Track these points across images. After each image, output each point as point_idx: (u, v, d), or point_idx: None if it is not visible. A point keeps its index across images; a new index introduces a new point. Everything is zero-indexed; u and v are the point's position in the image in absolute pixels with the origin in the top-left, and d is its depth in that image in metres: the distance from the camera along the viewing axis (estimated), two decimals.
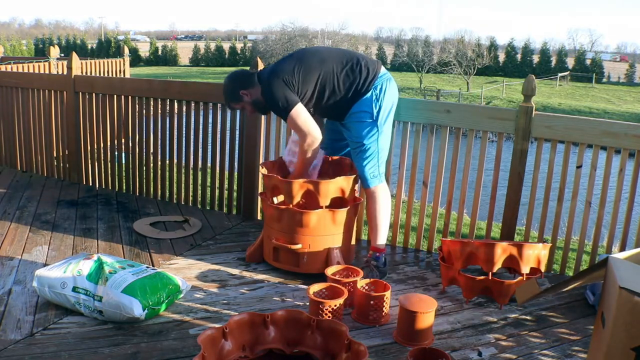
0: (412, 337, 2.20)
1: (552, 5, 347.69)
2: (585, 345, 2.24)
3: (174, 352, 2.10)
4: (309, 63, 2.67)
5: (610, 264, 1.48)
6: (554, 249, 2.96)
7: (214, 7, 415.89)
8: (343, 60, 2.71)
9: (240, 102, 2.76)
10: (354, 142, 2.77)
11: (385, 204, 2.81)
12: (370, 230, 2.86)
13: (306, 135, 2.65)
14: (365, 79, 2.68)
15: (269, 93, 2.63)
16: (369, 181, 2.77)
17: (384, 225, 2.83)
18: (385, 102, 2.71)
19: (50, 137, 4.43)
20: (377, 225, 2.81)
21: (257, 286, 2.70)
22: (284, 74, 2.63)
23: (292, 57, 2.75)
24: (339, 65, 2.69)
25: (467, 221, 5.78)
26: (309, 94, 2.67)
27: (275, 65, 2.73)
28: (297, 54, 2.76)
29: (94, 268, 2.38)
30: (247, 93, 2.72)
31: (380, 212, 2.80)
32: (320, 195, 2.68)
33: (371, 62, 2.75)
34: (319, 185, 2.67)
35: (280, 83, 2.61)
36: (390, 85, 2.75)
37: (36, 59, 9.49)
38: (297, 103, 2.62)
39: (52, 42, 49.90)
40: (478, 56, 34.99)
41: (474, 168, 3.14)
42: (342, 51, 2.83)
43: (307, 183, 2.67)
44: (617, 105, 30.06)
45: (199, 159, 3.89)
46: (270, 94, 2.63)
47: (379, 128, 2.71)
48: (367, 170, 2.75)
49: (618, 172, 2.80)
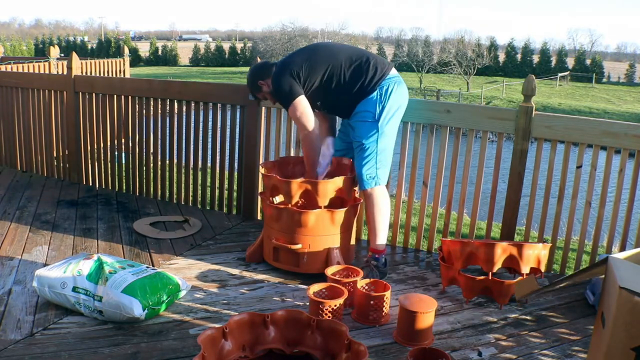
0: (412, 337, 2.20)
1: (552, 5, 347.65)
2: (585, 345, 2.24)
3: (174, 352, 2.10)
4: (319, 56, 2.75)
5: (610, 264, 1.48)
6: (554, 249, 2.96)
7: (214, 7, 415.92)
8: (353, 57, 2.74)
9: (260, 91, 2.88)
10: (355, 142, 2.77)
11: (382, 207, 2.78)
12: (369, 232, 2.86)
13: (302, 127, 2.72)
14: (372, 77, 2.70)
15: (276, 83, 2.73)
16: (365, 182, 2.75)
17: (382, 227, 2.81)
18: (389, 104, 2.70)
19: (50, 137, 4.43)
20: (374, 228, 2.80)
21: (257, 286, 2.70)
22: (293, 66, 2.71)
23: (304, 50, 2.84)
24: (348, 60, 2.72)
25: (467, 221, 5.78)
26: (316, 85, 2.72)
27: (287, 57, 2.83)
28: (309, 48, 2.87)
29: (94, 268, 2.38)
30: (265, 83, 2.83)
31: (377, 214, 2.78)
32: (319, 195, 2.68)
33: (381, 62, 2.75)
34: (318, 186, 2.67)
35: (286, 74, 2.69)
36: (398, 88, 2.74)
37: (36, 59, 9.49)
38: (300, 95, 2.68)
39: (52, 42, 49.90)
40: (478, 56, 34.98)
41: (474, 168, 3.14)
42: (354, 48, 2.88)
43: (306, 183, 2.68)
44: (617, 105, 30.06)
45: (199, 159, 3.89)
46: (277, 84, 2.72)
47: (380, 129, 2.71)
48: (364, 172, 2.74)
49: (618, 172, 2.80)
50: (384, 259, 2.82)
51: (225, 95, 3.69)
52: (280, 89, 2.70)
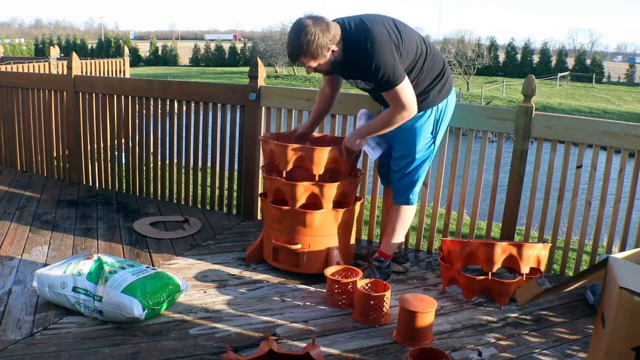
0: (412, 337, 2.20)
1: (552, 5, 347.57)
2: (585, 345, 2.24)
3: (174, 352, 2.10)
4: (408, 33, 2.42)
5: (610, 264, 1.48)
6: (554, 249, 2.96)
7: (214, 7, 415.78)
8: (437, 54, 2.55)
9: (318, 59, 2.36)
10: (400, 150, 2.70)
11: (406, 222, 2.76)
12: (384, 236, 2.85)
13: (405, 108, 2.40)
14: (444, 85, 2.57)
15: (377, 59, 2.28)
16: (403, 199, 2.72)
17: (398, 238, 2.78)
18: (447, 118, 2.67)
19: (50, 137, 4.43)
20: (391, 236, 2.77)
21: (256, 286, 2.70)
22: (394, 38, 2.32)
23: (380, 19, 2.40)
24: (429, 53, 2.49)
25: (467, 221, 5.79)
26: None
27: (371, 25, 2.34)
28: (396, 21, 2.45)
29: (94, 268, 2.38)
30: (336, 50, 2.36)
31: (398, 226, 2.74)
32: (324, 197, 2.67)
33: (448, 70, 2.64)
34: (324, 188, 2.65)
35: (390, 49, 2.30)
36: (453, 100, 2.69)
37: (36, 59, 9.50)
38: (405, 77, 2.36)
39: (52, 42, 49.91)
40: (478, 56, 34.97)
41: (474, 168, 3.14)
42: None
43: (312, 186, 2.65)
44: (617, 105, 30.06)
45: (199, 159, 3.89)
46: (379, 61, 2.29)
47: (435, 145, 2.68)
48: (405, 188, 2.70)
49: (618, 172, 2.80)
50: (388, 262, 2.82)
51: (225, 95, 3.69)
52: (384, 67, 2.28)
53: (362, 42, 2.31)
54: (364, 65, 2.34)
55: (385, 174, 2.88)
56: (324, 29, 2.30)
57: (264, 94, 3.49)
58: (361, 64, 2.35)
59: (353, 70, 2.44)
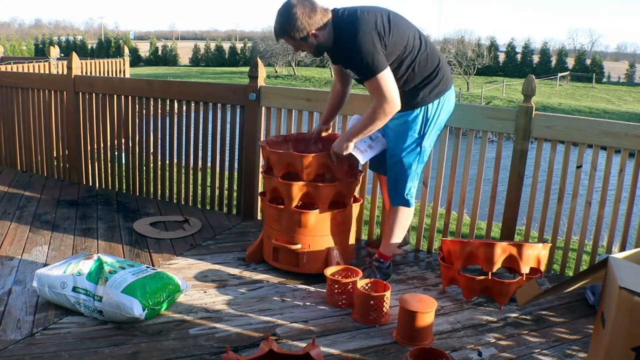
0: (412, 337, 2.20)
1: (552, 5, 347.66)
2: (584, 345, 2.24)
3: (174, 352, 2.10)
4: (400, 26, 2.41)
5: (610, 264, 1.48)
6: (554, 249, 2.96)
7: (214, 7, 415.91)
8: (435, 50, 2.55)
9: (296, 40, 2.39)
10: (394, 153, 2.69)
11: (404, 223, 2.75)
12: (383, 238, 2.85)
13: (386, 100, 2.36)
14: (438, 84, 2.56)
15: (357, 44, 2.29)
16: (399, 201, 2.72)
17: (397, 239, 2.77)
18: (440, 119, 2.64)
19: (50, 137, 4.43)
20: (390, 237, 2.76)
21: (256, 286, 2.70)
22: (377, 29, 2.32)
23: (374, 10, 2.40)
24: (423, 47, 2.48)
25: (467, 221, 5.79)
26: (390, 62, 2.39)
27: (360, 14, 2.37)
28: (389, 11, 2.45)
29: (94, 268, 2.38)
30: (319, 35, 2.38)
31: (396, 228, 2.74)
32: (319, 198, 2.67)
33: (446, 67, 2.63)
34: (319, 189, 2.65)
35: (371, 37, 2.30)
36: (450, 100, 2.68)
37: (36, 59, 9.50)
38: (387, 67, 2.34)
39: (52, 42, 49.89)
40: (478, 56, 34.97)
41: (474, 168, 3.14)
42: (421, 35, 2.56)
43: (307, 186, 2.66)
44: (617, 105, 30.07)
45: (199, 159, 3.89)
46: (358, 46, 2.30)
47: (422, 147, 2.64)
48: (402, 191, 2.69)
49: (618, 172, 2.80)
50: (388, 263, 2.81)
51: (225, 95, 3.69)
52: (363, 54, 2.28)
53: (347, 28, 2.37)
54: (346, 49, 2.38)
55: (376, 161, 2.86)
56: (307, 12, 2.33)
57: (264, 94, 3.49)
58: (344, 48, 2.39)
59: (340, 56, 2.48)
